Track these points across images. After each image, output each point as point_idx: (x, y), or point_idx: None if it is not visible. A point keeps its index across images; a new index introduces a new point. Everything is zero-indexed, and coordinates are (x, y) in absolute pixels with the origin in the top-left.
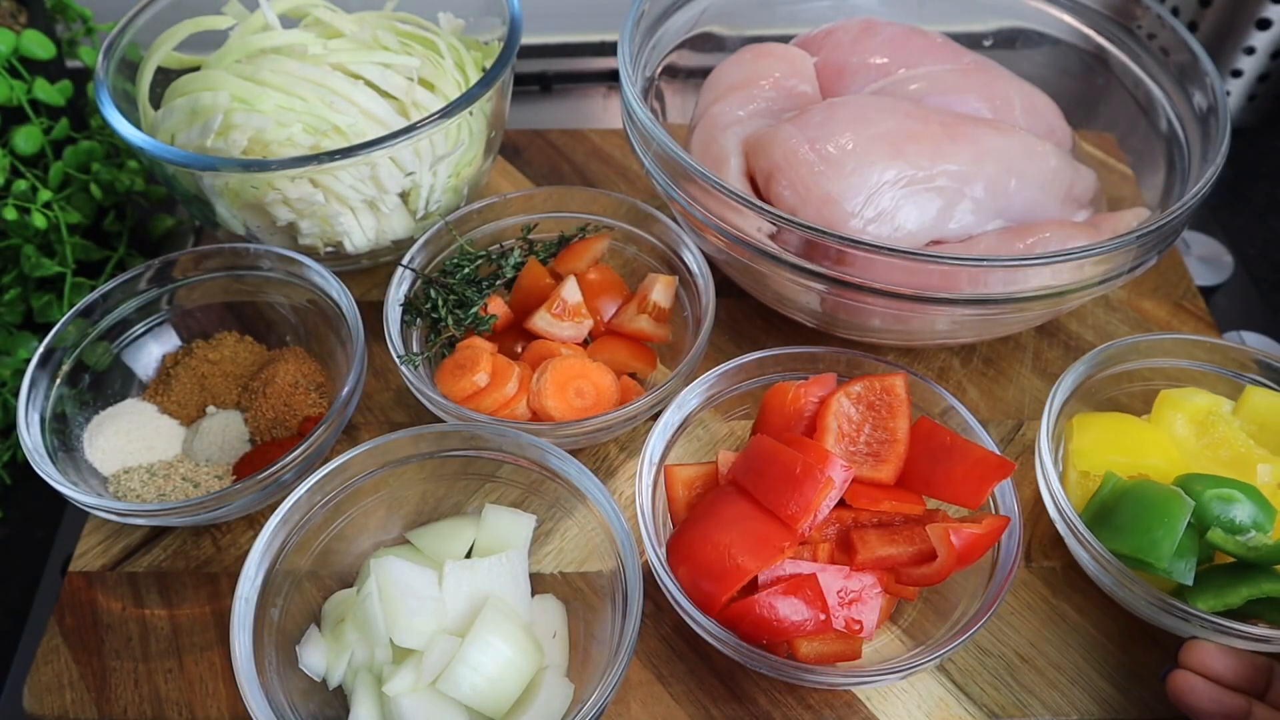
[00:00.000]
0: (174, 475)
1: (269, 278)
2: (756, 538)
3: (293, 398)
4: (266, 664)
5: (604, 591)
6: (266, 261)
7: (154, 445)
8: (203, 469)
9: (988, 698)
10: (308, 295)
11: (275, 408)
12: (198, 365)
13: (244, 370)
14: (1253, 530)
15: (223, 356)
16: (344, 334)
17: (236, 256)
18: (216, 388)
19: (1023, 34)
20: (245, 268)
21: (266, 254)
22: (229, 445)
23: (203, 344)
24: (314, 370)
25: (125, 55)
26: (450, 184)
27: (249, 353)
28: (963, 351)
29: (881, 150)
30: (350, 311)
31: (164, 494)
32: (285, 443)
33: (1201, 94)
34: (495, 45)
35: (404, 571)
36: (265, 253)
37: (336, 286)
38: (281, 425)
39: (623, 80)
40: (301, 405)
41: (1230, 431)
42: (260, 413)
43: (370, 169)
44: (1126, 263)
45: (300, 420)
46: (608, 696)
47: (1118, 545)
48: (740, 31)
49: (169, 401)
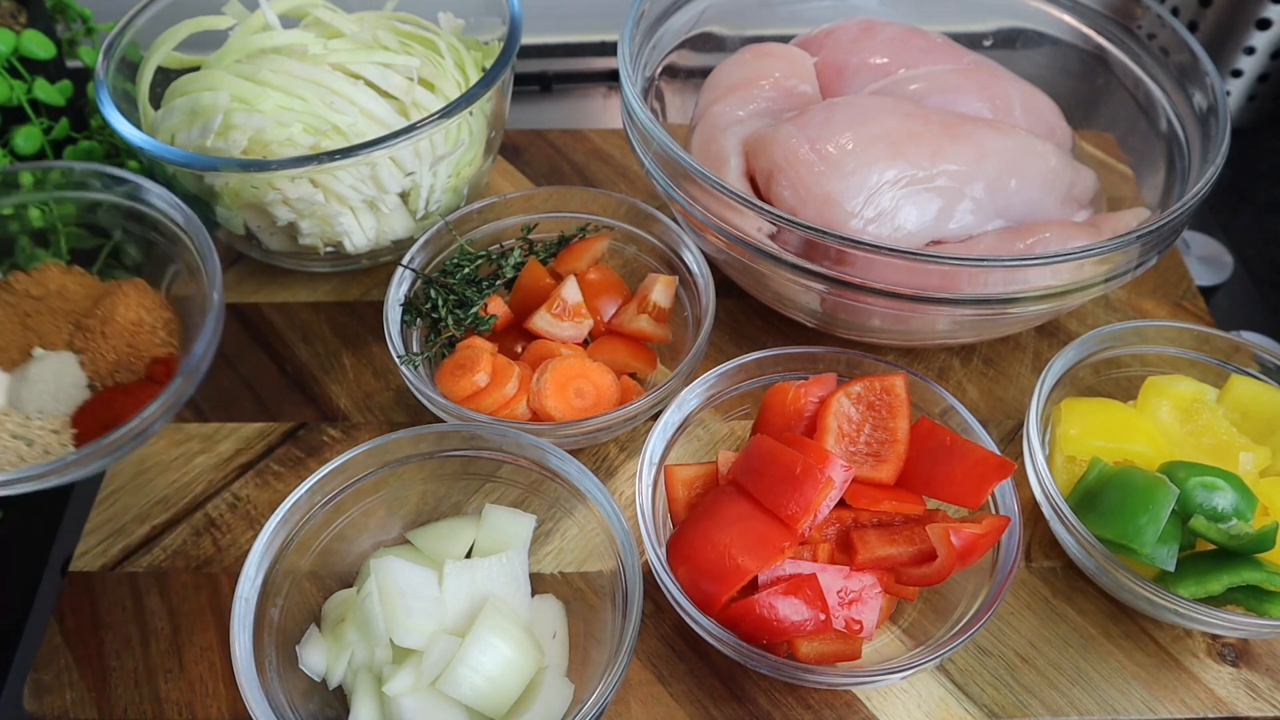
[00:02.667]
0: (1, 433)
1: (99, 200)
2: (756, 538)
3: (137, 336)
4: (266, 664)
5: (604, 591)
6: (95, 181)
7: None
8: (35, 422)
9: (987, 698)
10: (145, 218)
11: (117, 349)
12: (18, 301)
13: (76, 306)
14: (1234, 518)
15: (48, 291)
16: (190, 261)
17: (63, 176)
18: (43, 327)
19: (1023, 34)
20: (72, 187)
21: (96, 173)
22: (64, 393)
23: (22, 276)
24: (158, 304)
25: (125, 55)
26: (450, 184)
27: (79, 285)
28: (963, 351)
29: (881, 150)
30: (193, 228)
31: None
32: (134, 389)
33: (1201, 94)
34: (495, 45)
35: (404, 571)
36: (93, 171)
37: (171, 204)
38: (126, 368)
39: (623, 80)
40: (148, 344)
41: (1214, 419)
42: (99, 355)
43: (370, 169)
44: (1127, 263)
45: (148, 363)
46: (608, 696)
47: (1102, 530)
48: (740, 31)
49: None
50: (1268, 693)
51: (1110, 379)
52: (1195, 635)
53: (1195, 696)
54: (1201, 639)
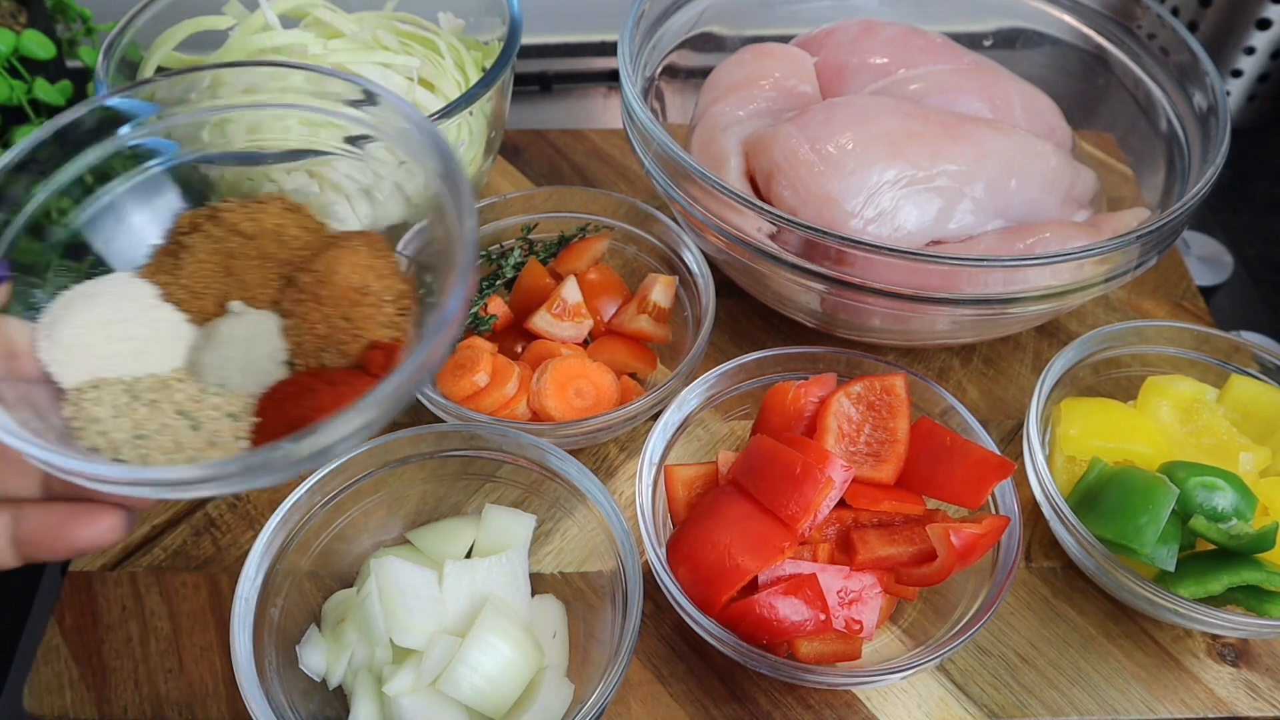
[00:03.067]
0: (165, 404)
1: (335, 121)
2: (756, 538)
3: (358, 308)
4: (266, 664)
5: (604, 591)
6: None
7: (145, 349)
8: (210, 399)
9: (987, 698)
10: (394, 155)
11: (330, 319)
12: (224, 237)
13: (291, 255)
14: (1234, 518)
15: (262, 229)
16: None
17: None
18: (248, 274)
19: (1023, 34)
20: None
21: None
22: (254, 365)
23: (236, 205)
24: (392, 271)
25: (125, 55)
26: None
27: (301, 228)
28: (963, 351)
29: (881, 150)
30: (455, 178)
31: (142, 433)
32: (340, 377)
33: (1201, 94)
34: (495, 45)
35: (404, 571)
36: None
37: (439, 148)
38: (335, 348)
39: (623, 80)
40: (370, 322)
41: (1214, 419)
42: (307, 323)
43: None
44: (1126, 263)
45: (365, 346)
46: (608, 696)
47: (1102, 530)
48: (740, 31)
49: (176, 285)
50: (1268, 693)
51: (1110, 379)
52: (1195, 635)
53: (1195, 696)
54: (1201, 639)
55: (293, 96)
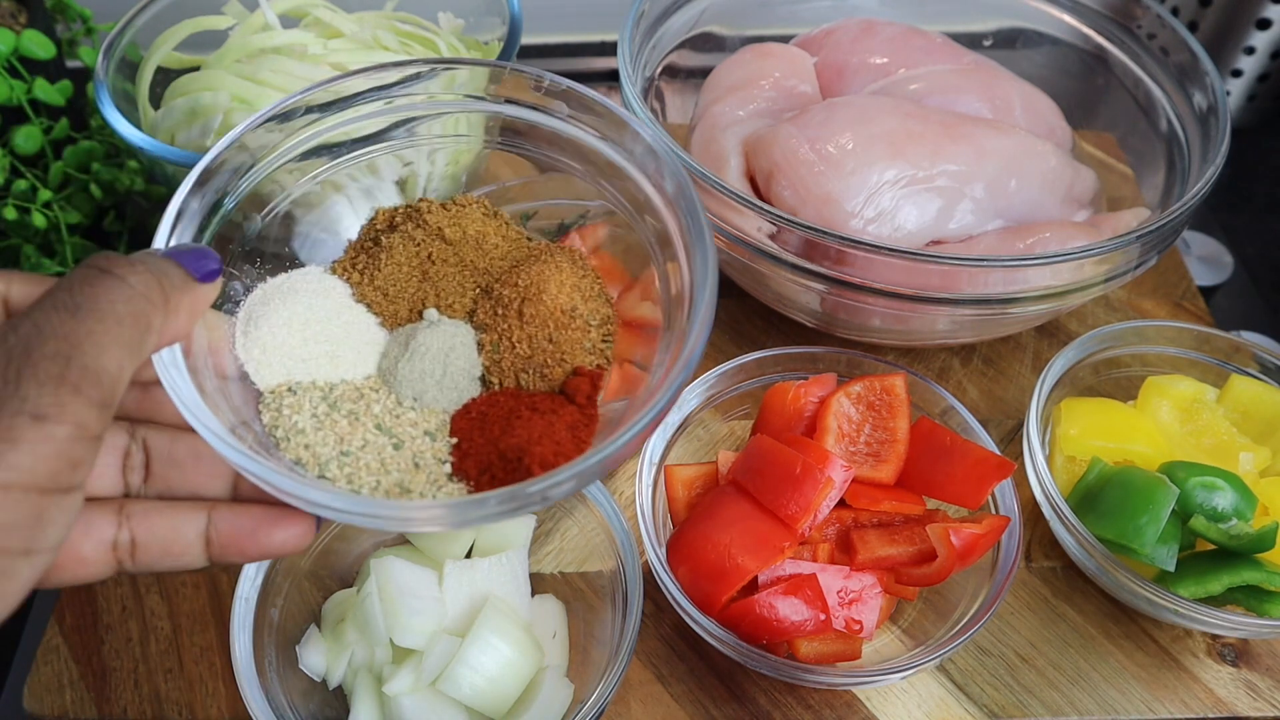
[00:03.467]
0: (364, 417)
1: (558, 131)
2: (756, 538)
3: (564, 330)
4: (266, 664)
5: (604, 591)
6: (561, 106)
7: (339, 353)
8: (406, 413)
9: (988, 698)
10: (615, 173)
11: (534, 340)
12: (426, 240)
13: (490, 264)
14: (1234, 518)
15: (464, 234)
16: (669, 242)
17: (519, 87)
18: (446, 281)
19: (1023, 34)
20: (529, 105)
21: (568, 92)
22: (451, 380)
23: (438, 209)
24: (598, 293)
25: (125, 55)
26: (448, 171)
27: (501, 236)
28: (963, 351)
29: (881, 150)
30: (688, 204)
31: (347, 450)
32: (541, 403)
33: (1201, 94)
34: (495, 45)
35: (404, 571)
36: (566, 90)
37: (671, 165)
38: (536, 370)
39: (623, 80)
40: (575, 347)
41: (1214, 419)
42: (507, 340)
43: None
44: (1126, 263)
45: (568, 371)
46: (608, 696)
47: (1102, 530)
48: (740, 31)
49: (370, 286)
50: (1268, 693)
51: (1110, 379)
52: (1195, 635)
53: (1195, 696)
54: (1201, 639)
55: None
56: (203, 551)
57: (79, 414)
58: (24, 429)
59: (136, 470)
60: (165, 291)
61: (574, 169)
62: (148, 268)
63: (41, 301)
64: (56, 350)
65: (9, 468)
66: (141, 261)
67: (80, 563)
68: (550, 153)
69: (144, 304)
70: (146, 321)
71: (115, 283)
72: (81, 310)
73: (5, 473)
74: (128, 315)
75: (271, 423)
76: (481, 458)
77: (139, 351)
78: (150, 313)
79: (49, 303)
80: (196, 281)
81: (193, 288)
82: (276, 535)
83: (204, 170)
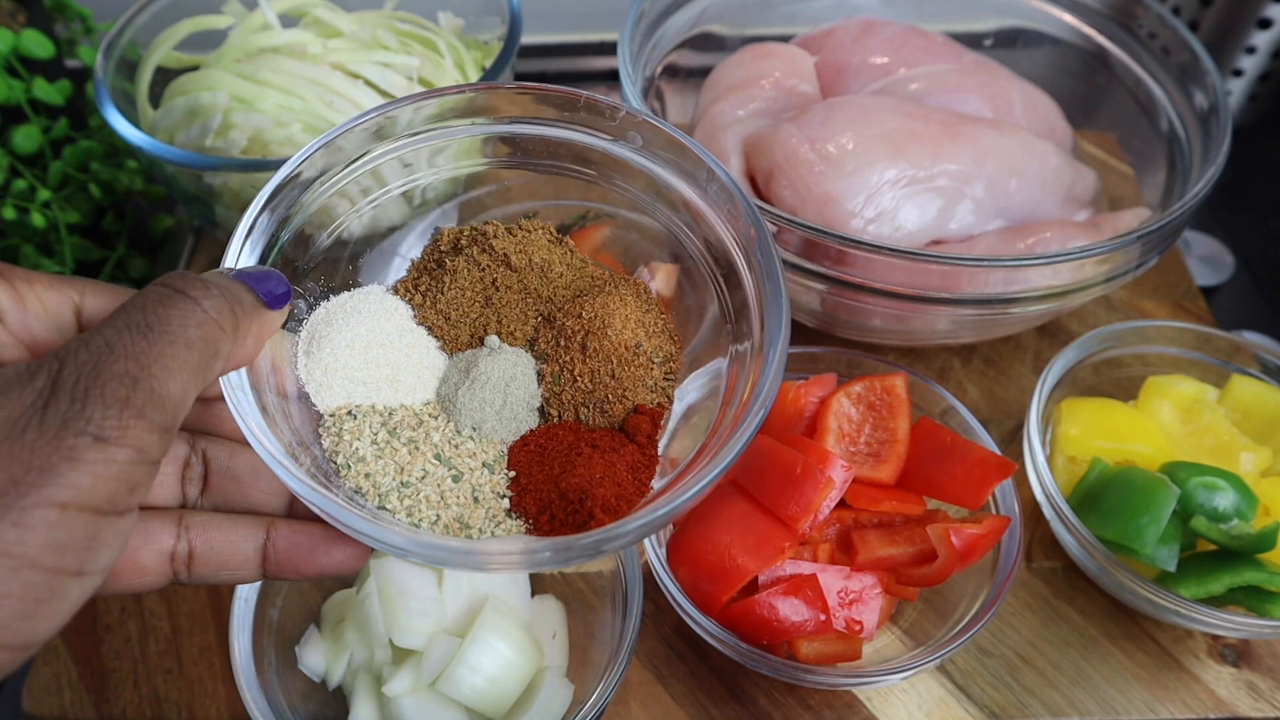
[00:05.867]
0: (424, 446)
1: (627, 160)
2: (757, 538)
3: (627, 367)
4: (266, 664)
5: (604, 592)
6: (635, 135)
7: (399, 377)
8: (465, 443)
9: (988, 698)
10: (682, 198)
11: (596, 375)
12: (491, 266)
13: (553, 293)
14: (1235, 518)
15: (530, 261)
16: (734, 277)
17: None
18: (509, 308)
19: (1023, 34)
20: (601, 131)
21: (637, 121)
22: (510, 411)
23: (503, 233)
24: (663, 328)
25: (124, 55)
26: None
27: (568, 265)
28: (963, 351)
29: (882, 150)
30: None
31: (407, 480)
32: (601, 441)
33: (1202, 93)
34: (495, 45)
35: (404, 571)
36: (634, 119)
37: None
38: (597, 405)
39: (623, 80)
40: (638, 385)
41: (1215, 419)
42: (569, 373)
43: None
44: (1127, 263)
45: (629, 410)
46: (608, 697)
47: (1103, 531)
48: (740, 31)
49: (432, 310)
50: (1269, 693)
51: (1111, 379)
52: (1196, 636)
53: (1196, 697)
54: (1202, 639)
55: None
56: (258, 567)
57: (141, 438)
58: (86, 449)
59: (195, 482)
60: (236, 317)
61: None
62: (221, 291)
63: (114, 318)
64: (125, 371)
65: (68, 487)
66: (215, 284)
67: (139, 572)
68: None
69: (215, 329)
70: (215, 347)
71: (189, 305)
72: (153, 331)
73: (64, 492)
74: (198, 340)
75: (332, 448)
76: (541, 495)
77: (205, 376)
78: (220, 338)
79: (122, 320)
80: (265, 307)
81: (262, 313)
82: (335, 555)
83: (277, 186)
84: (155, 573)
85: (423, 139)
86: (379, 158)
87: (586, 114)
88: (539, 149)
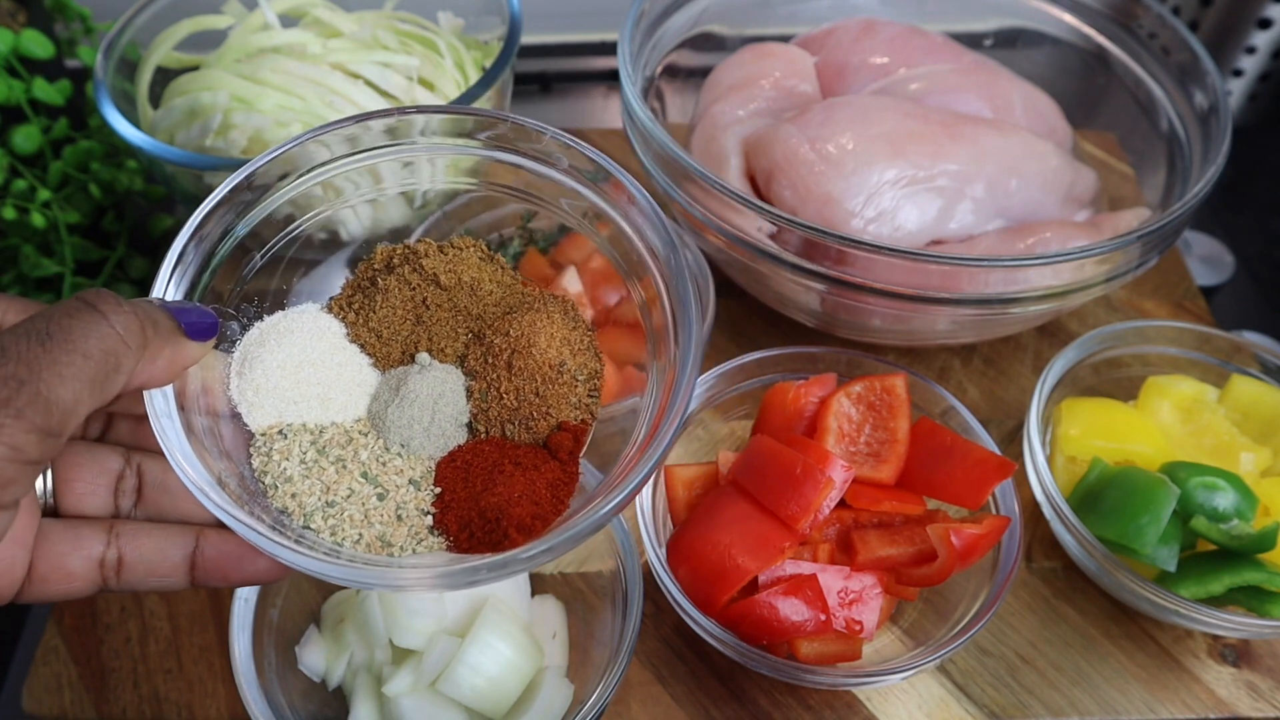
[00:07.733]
0: (351, 465)
1: (546, 177)
2: (757, 538)
3: (551, 385)
4: (266, 664)
5: (604, 592)
6: (560, 157)
7: (330, 395)
8: (393, 460)
9: (988, 698)
10: (607, 224)
11: (521, 392)
12: (421, 285)
13: (483, 310)
14: (1235, 518)
15: (459, 280)
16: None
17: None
18: (439, 327)
19: (1023, 34)
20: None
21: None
22: (438, 428)
23: (434, 252)
24: (587, 346)
25: (124, 55)
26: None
27: (495, 283)
28: (963, 351)
29: (882, 150)
30: (695, 267)
31: (332, 500)
32: (524, 458)
33: (1202, 93)
34: (495, 45)
35: None
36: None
37: (655, 224)
38: (521, 422)
39: (623, 80)
40: (562, 402)
41: (1215, 419)
42: (495, 390)
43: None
44: (1127, 263)
45: (553, 426)
46: (608, 697)
47: (1103, 531)
48: (740, 31)
49: (364, 328)
50: (1269, 693)
51: (1111, 379)
52: (1196, 636)
53: (1196, 697)
54: (1202, 640)
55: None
56: (186, 574)
57: (15, 438)
58: None
59: (128, 494)
60: (146, 337)
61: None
62: (134, 310)
63: (19, 325)
64: (13, 374)
65: None
66: (131, 304)
67: (67, 577)
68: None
69: (118, 344)
70: (116, 361)
71: (95, 318)
72: (52, 340)
73: None
74: (97, 352)
75: (261, 468)
76: (462, 513)
77: (102, 388)
78: (122, 353)
79: (24, 328)
80: (185, 336)
81: (179, 341)
82: (261, 562)
83: (205, 215)
84: (84, 579)
85: (350, 162)
86: (305, 181)
87: (513, 137)
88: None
